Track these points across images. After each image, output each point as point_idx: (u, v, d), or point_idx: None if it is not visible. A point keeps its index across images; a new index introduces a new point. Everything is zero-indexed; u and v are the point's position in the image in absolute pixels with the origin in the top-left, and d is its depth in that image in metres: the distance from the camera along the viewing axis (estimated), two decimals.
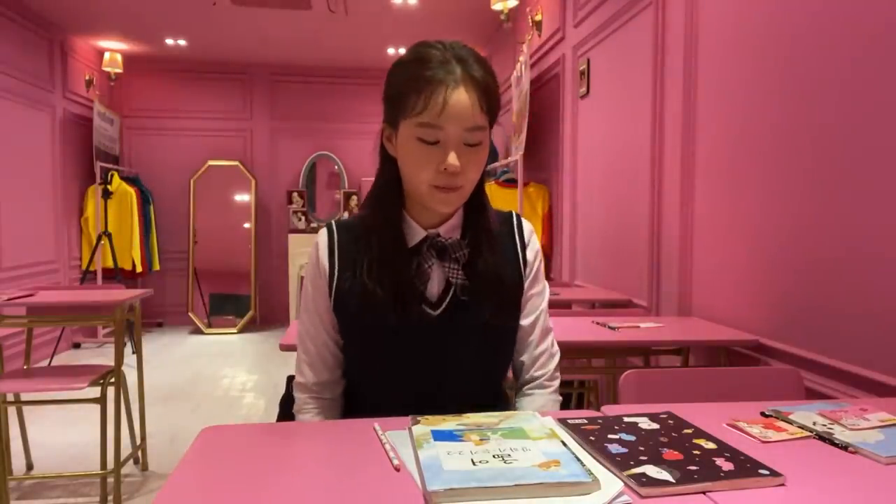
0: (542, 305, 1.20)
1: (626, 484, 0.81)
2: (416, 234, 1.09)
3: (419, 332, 1.08)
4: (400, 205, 1.10)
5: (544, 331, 1.21)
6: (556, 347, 1.24)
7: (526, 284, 1.16)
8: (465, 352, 1.10)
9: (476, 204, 1.12)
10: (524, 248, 1.17)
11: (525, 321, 1.18)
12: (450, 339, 1.08)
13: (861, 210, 1.62)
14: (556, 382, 1.22)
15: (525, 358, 1.20)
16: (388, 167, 1.10)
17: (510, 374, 1.26)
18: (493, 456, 0.84)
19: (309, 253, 1.15)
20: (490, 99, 1.03)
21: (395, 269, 1.06)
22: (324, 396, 1.18)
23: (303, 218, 6.53)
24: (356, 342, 1.13)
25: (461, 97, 0.99)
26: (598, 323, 2.20)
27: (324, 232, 1.14)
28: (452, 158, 0.99)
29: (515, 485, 0.77)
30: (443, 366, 1.10)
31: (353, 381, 1.19)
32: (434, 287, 1.09)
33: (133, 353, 3.25)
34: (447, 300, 1.08)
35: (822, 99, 1.76)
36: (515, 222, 1.19)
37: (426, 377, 1.10)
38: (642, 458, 0.86)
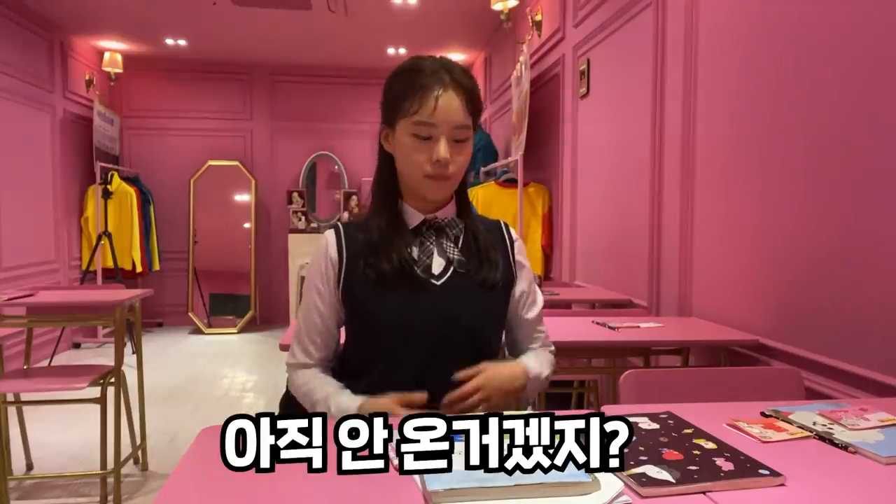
0: (541, 302, 1.36)
1: (626, 484, 0.81)
2: (415, 218, 1.24)
3: (426, 301, 1.19)
4: (398, 194, 1.25)
5: (541, 322, 1.37)
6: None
7: (519, 281, 1.30)
8: (465, 318, 1.21)
9: (464, 197, 1.30)
10: (513, 248, 1.31)
11: (529, 314, 1.32)
12: (452, 307, 1.20)
13: (860, 210, 1.62)
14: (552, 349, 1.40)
15: (532, 346, 1.35)
16: (387, 164, 1.25)
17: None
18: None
19: (313, 252, 1.27)
20: (474, 102, 1.19)
21: (398, 245, 1.20)
22: (320, 370, 1.30)
23: (303, 218, 6.52)
24: (367, 321, 1.22)
25: (450, 100, 1.15)
26: (598, 323, 2.20)
27: (331, 230, 1.27)
28: (443, 151, 1.15)
29: (515, 485, 0.77)
30: (444, 336, 1.19)
31: (358, 365, 1.26)
32: (436, 264, 1.23)
33: (133, 353, 3.24)
34: (448, 274, 1.22)
35: (821, 99, 1.75)
36: (504, 228, 1.34)
37: (429, 348, 1.19)
38: (642, 458, 0.86)
